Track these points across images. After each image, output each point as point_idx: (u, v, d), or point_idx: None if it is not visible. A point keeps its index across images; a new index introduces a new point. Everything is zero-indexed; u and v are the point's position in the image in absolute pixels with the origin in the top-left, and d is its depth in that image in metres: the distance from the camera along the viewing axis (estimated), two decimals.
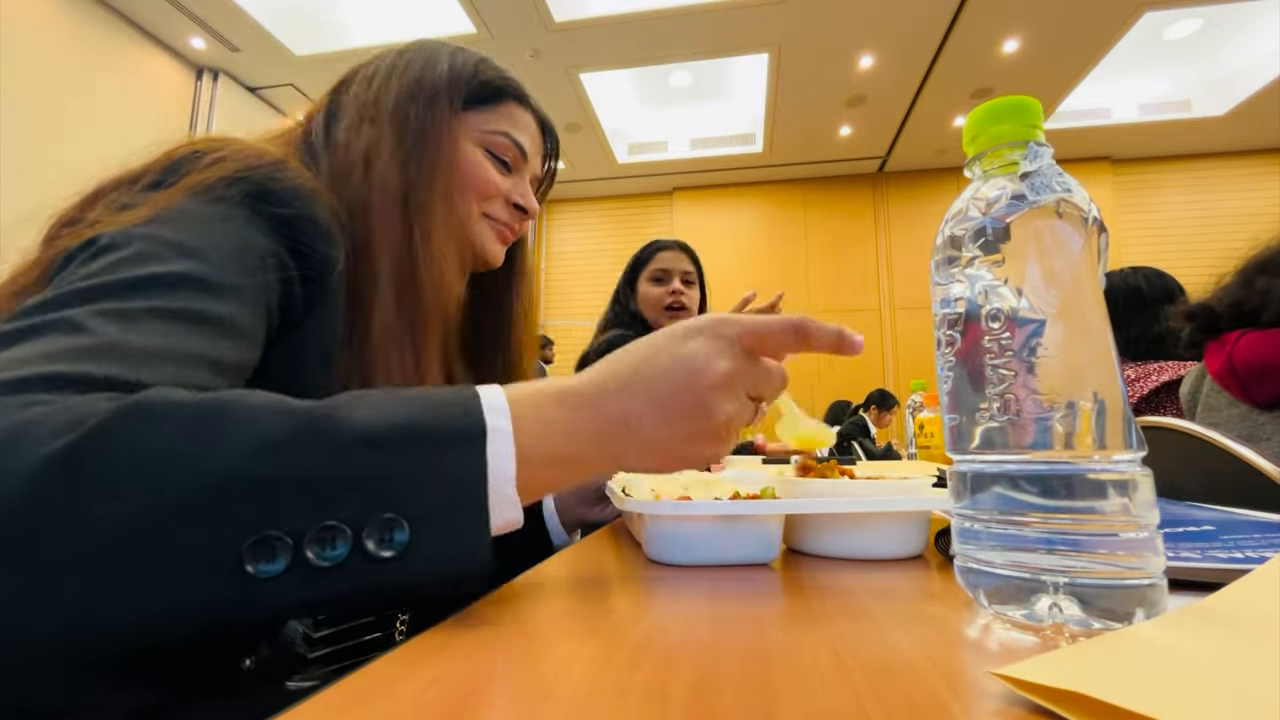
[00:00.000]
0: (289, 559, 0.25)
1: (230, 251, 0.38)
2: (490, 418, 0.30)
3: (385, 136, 0.52)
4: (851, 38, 3.82)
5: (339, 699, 0.21)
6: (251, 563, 0.24)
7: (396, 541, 0.26)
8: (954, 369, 0.31)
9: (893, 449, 3.92)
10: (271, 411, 0.27)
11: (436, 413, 0.29)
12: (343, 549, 0.25)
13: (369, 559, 0.26)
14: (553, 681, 0.22)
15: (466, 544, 0.28)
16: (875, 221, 5.58)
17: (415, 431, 0.28)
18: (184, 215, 0.38)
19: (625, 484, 0.54)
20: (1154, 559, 0.26)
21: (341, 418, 0.27)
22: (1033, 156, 0.30)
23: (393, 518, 0.26)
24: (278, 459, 0.26)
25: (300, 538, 0.25)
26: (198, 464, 0.25)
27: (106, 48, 3.67)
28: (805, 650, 0.25)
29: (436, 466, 0.28)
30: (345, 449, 0.27)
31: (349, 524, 0.26)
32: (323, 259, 0.44)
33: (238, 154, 0.43)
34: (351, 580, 0.26)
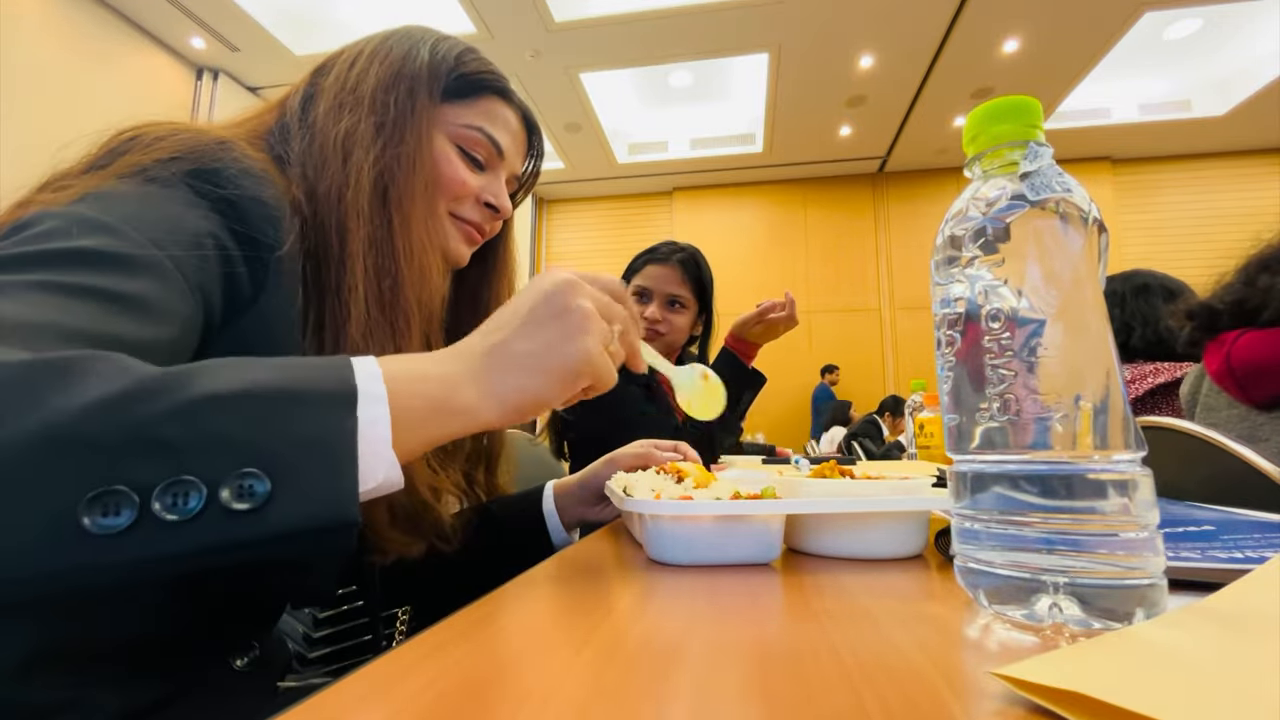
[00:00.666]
0: (134, 514, 0.24)
1: (154, 229, 0.37)
2: (362, 382, 0.30)
3: (363, 125, 0.51)
4: (851, 38, 3.82)
5: (339, 699, 0.21)
6: (90, 518, 0.23)
7: (256, 493, 0.25)
8: (954, 369, 0.31)
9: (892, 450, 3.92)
10: (120, 371, 0.26)
11: (306, 375, 0.29)
12: (196, 502, 0.24)
13: (226, 511, 0.25)
14: (553, 681, 0.22)
15: (331, 496, 0.27)
16: (875, 221, 5.59)
17: (281, 393, 0.28)
18: (112, 195, 0.37)
19: (626, 484, 0.54)
20: (1154, 559, 0.26)
21: (192, 380, 0.27)
22: (1033, 156, 0.30)
23: (248, 470, 0.25)
24: (119, 414, 0.24)
25: (147, 492, 0.24)
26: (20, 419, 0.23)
27: (106, 48, 3.67)
28: (805, 650, 0.25)
29: (299, 426, 0.27)
30: (198, 407, 0.26)
31: (203, 478, 0.25)
32: (269, 242, 0.43)
33: (178, 136, 0.42)
34: (208, 534, 0.25)
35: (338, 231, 0.49)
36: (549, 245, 5.93)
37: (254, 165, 0.44)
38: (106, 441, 0.24)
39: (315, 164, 0.50)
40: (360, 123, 0.51)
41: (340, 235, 0.49)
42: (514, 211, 0.67)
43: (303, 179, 0.49)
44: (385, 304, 0.49)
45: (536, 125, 0.67)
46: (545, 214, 5.94)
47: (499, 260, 0.70)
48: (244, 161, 0.43)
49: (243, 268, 0.42)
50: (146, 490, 0.24)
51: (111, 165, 0.40)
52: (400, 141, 0.52)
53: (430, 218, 0.55)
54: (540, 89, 4.35)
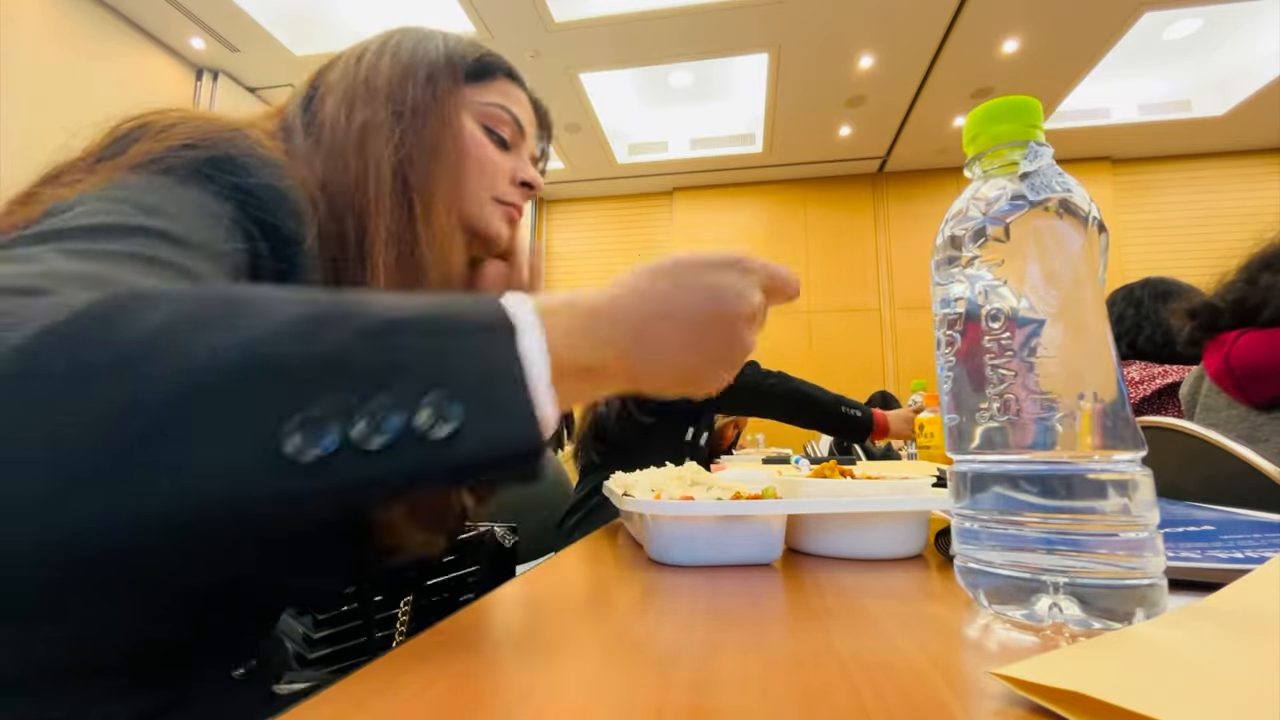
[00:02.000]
0: (337, 440, 0.23)
1: (191, 214, 0.36)
2: (518, 313, 0.29)
3: (381, 115, 0.50)
4: (851, 38, 3.82)
5: (339, 699, 0.21)
6: (294, 447, 0.22)
7: (451, 415, 0.25)
8: (954, 369, 0.31)
9: (892, 449, 3.92)
10: (287, 298, 0.25)
11: (461, 307, 0.28)
12: (395, 425, 0.24)
13: (422, 439, 0.24)
14: (553, 681, 0.22)
15: (519, 419, 0.27)
16: (875, 221, 5.58)
17: (448, 319, 0.27)
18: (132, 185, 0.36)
19: (626, 485, 0.54)
20: (1154, 559, 0.26)
21: (365, 306, 0.26)
22: (1033, 156, 0.30)
23: (444, 395, 0.25)
24: (311, 340, 0.24)
25: (347, 417, 0.23)
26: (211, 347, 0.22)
27: (106, 48, 3.67)
28: (805, 650, 0.25)
29: (475, 347, 0.27)
30: (381, 331, 0.25)
31: (399, 403, 0.24)
32: (291, 234, 0.42)
33: (189, 123, 0.41)
34: (406, 460, 0.24)
35: (357, 225, 0.48)
36: (549, 245, 5.93)
37: (271, 155, 0.43)
38: (302, 366, 0.23)
39: (328, 158, 0.49)
40: (377, 114, 0.50)
41: (359, 228, 0.48)
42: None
43: (313, 175, 0.48)
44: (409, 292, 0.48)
45: (544, 106, 0.67)
46: (545, 214, 5.93)
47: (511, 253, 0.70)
48: (260, 150, 0.42)
49: (268, 261, 0.40)
50: (345, 416, 0.23)
51: (122, 155, 0.38)
52: (422, 128, 0.52)
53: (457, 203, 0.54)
54: (540, 89, 4.28)
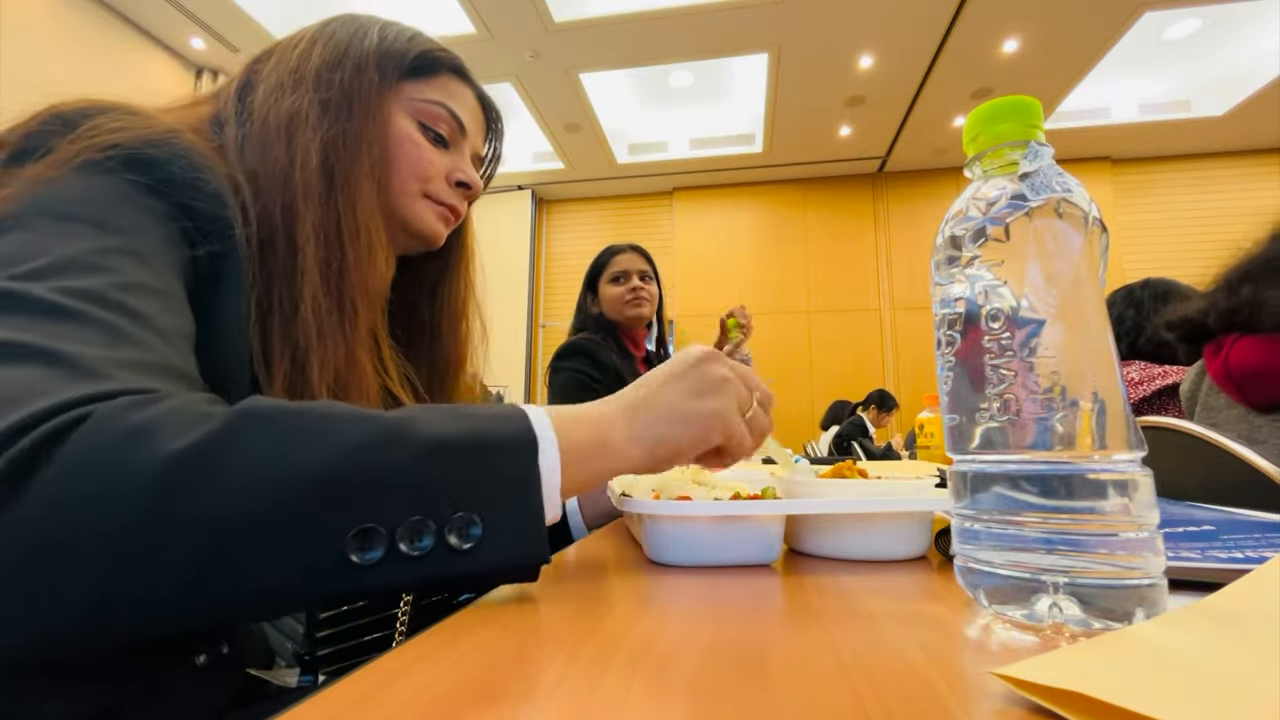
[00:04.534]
0: (385, 549, 0.28)
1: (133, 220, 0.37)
2: (539, 430, 0.34)
3: (307, 106, 0.49)
4: (851, 38, 3.82)
5: (339, 699, 0.21)
6: (355, 552, 0.27)
7: (472, 535, 0.30)
8: (954, 369, 0.31)
9: (893, 449, 3.92)
10: (358, 419, 0.30)
11: (494, 426, 0.33)
12: (429, 541, 0.29)
13: (450, 550, 0.29)
14: (553, 681, 0.22)
15: (529, 536, 0.32)
16: (875, 221, 5.58)
17: (480, 441, 0.32)
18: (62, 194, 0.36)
19: (625, 485, 0.53)
20: (1154, 559, 0.26)
21: (419, 425, 0.31)
22: (1033, 156, 0.30)
23: (469, 515, 0.30)
24: (370, 462, 0.29)
25: (393, 530, 0.28)
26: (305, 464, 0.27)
27: (106, 48, 3.67)
28: (805, 650, 0.25)
29: (501, 470, 0.32)
30: (424, 455, 0.30)
31: (434, 519, 0.29)
32: (222, 230, 0.42)
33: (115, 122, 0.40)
34: (435, 568, 0.29)
35: (284, 215, 0.47)
36: (549, 245, 5.93)
37: (197, 154, 0.42)
38: (367, 484, 0.28)
39: (257, 148, 0.48)
40: (304, 102, 0.50)
41: (287, 219, 0.47)
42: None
43: (242, 164, 0.47)
44: (332, 288, 0.48)
45: (493, 104, 0.65)
46: (545, 214, 5.93)
47: (458, 251, 0.67)
48: (185, 146, 0.42)
49: (203, 255, 0.41)
50: (393, 528, 0.28)
51: (47, 154, 0.38)
52: (349, 118, 0.51)
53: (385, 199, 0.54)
54: (540, 89, 4.35)
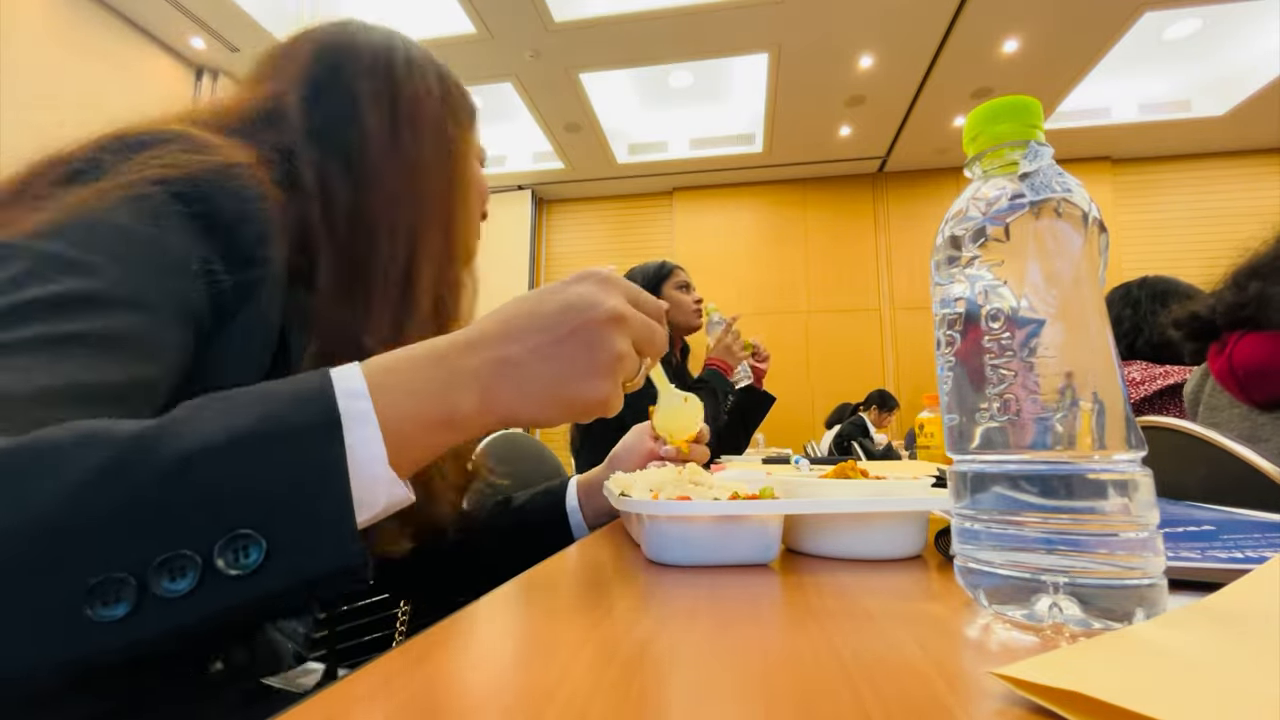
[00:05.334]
0: (134, 598, 0.23)
1: (138, 258, 0.35)
2: (345, 402, 0.29)
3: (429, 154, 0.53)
4: (851, 38, 3.82)
5: (339, 699, 0.21)
6: (92, 608, 0.22)
7: (251, 559, 0.25)
8: (954, 369, 0.31)
9: (893, 449, 3.92)
10: (85, 444, 0.24)
11: (284, 410, 0.28)
12: (192, 575, 0.24)
13: (223, 580, 0.24)
14: (552, 681, 0.22)
15: (329, 541, 0.26)
16: (875, 221, 5.58)
17: (259, 437, 0.26)
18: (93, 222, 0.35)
19: (624, 485, 0.53)
20: (1154, 559, 0.26)
21: (171, 436, 0.25)
22: (1033, 156, 0.30)
23: (241, 533, 0.25)
24: (106, 492, 0.24)
25: (143, 573, 0.23)
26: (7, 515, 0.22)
27: (106, 48, 3.67)
28: (805, 650, 0.25)
29: (285, 470, 0.26)
30: (180, 468, 0.25)
31: (196, 549, 0.24)
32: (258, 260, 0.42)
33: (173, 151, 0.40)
34: (208, 604, 0.24)
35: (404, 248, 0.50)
36: (549, 245, 5.92)
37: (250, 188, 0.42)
38: (97, 523, 0.23)
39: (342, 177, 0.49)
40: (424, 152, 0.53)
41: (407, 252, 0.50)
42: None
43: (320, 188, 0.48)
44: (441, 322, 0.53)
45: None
46: (545, 214, 5.93)
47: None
48: (237, 182, 0.42)
49: (228, 283, 0.40)
50: (142, 570, 0.23)
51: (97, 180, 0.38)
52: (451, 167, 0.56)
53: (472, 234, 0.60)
54: (540, 89, 4.35)
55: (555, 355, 0.34)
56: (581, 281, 0.37)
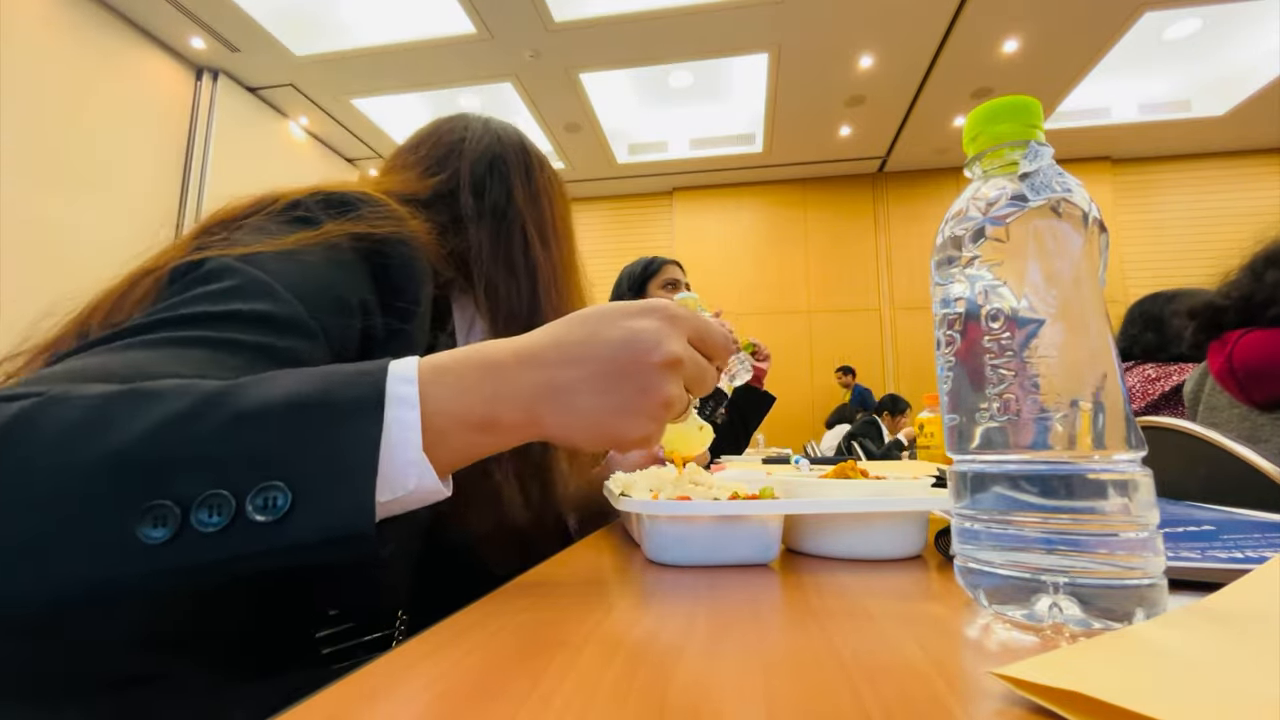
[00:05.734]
0: (175, 527, 0.26)
1: (312, 294, 0.42)
2: (393, 386, 0.31)
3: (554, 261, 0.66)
4: (851, 38, 3.82)
5: (339, 699, 0.21)
6: (141, 530, 0.26)
7: (278, 507, 0.27)
8: (954, 369, 0.31)
9: (892, 450, 3.92)
10: (183, 392, 0.29)
11: (337, 382, 0.31)
12: (223, 516, 0.27)
13: (251, 525, 0.27)
14: (552, 682, 0.22)
15: (348, 507, 0.28)
16: (875, 221, 5.58)
17: (307, 405, 0.30)
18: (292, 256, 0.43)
19: (624, 484, 0.53)
20: (1154, 559, 0.26)
21: (241, 394, 0.29)
22: (1033, 156, 0.30)
23: (273, 484, 0.28)
24: (173, 435, 0.28)
25: (187, 506, 0.27)
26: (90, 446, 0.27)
27: (106, 48, 3.67)
28: (805, 650, 0.25)
29: (323, 435, 0.29)
30: (238, 422, 0.28)
31: (232, 492, 0.27)
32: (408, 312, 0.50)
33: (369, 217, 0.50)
34: (234, 544, 0.27)
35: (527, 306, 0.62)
36: None
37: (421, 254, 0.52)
38: (160, 461, 0.27)
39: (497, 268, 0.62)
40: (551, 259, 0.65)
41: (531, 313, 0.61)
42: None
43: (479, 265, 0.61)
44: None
45: None
46: None
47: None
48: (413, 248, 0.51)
49: (379, 320, 0.48)
50: (187, 504, 0.27)
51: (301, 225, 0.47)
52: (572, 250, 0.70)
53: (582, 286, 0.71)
54: (540, 89, 4.35)
55: (606, 390, 0.34)
56: (647, 315, 0.36)
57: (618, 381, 0.34)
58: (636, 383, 0.35)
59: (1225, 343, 0.89)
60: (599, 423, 0.35)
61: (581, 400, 0.34)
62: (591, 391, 0.34)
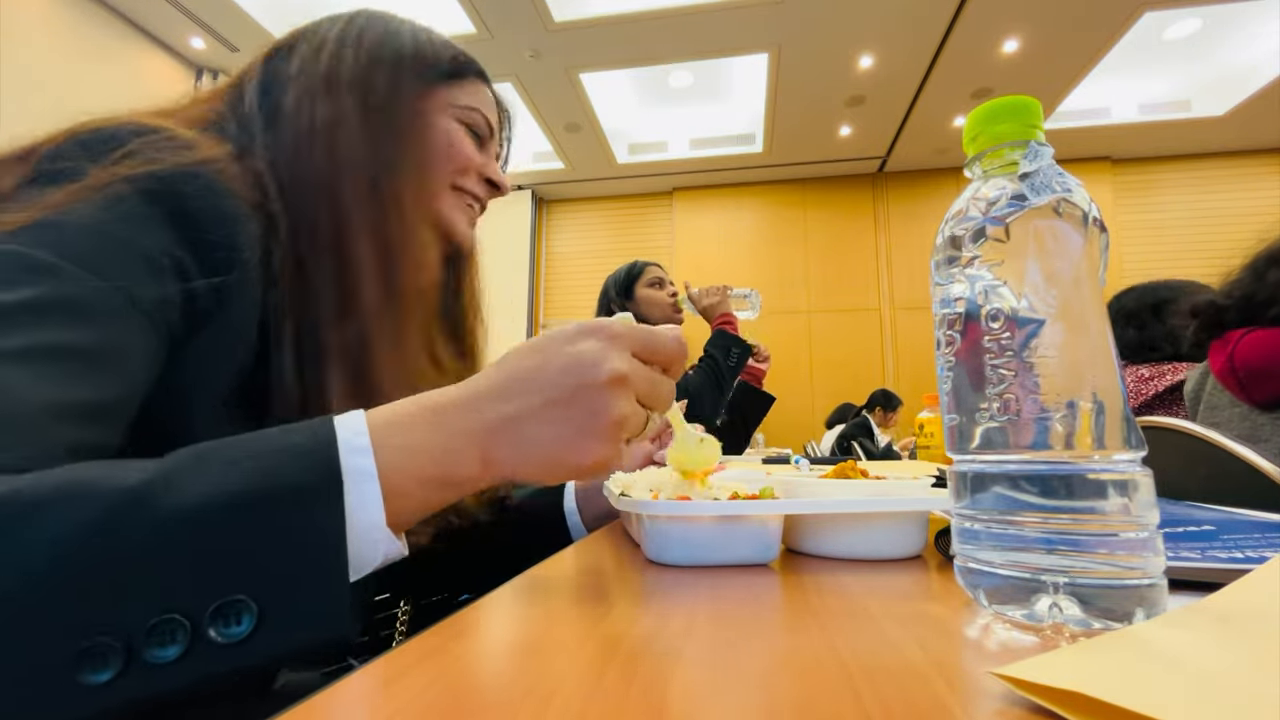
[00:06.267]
0: (122, 662, 0.22)
1: (104, 259, 0.34)
2: (349, 459, 0.28)
3: (348, 108, 0.49)
4: (851, 38, 3.82)
5: (339, 699, 0.21)
6: (80, 674, 0.22)
7: (243, 626, 0.24)
8: (954, 369, 0.31)
9: (893, 450, 3.92)
10: (75, 498, 0.24)
11: (286, 467, 0.27)
12: (181, 641, 0.23)
13: (213, 647, 0.24)
14: (552, 682, 0.22)
15: (321, 613, 0.26)
16: (875, 221, 5.58)
17: (259, 498, 0.26)
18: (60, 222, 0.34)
19: (624, 484, 0.53)
20: (1154, 559, 0.26)
21: (165, 493, 0.25)
22: (1033, 156, 0.30)
23: (237, 600, 0.24)
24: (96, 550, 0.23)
25: (132, 637, 0.23)
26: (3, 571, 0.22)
27: (106, 47, 3.67)
28: (805, 650, 0.25)
29: (283, 534, 0.26)
30: (173, 529, 0.24)
31: (186, 614, 0.23)
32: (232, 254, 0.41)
33: (149, 152, 0.39)
34: (198, 669, 0.24)
35: (329, 220, 0.47)
36: (549, 245, 5.92)
37: (222, 184, 0.41)
38: (87, 583, 0.23)
39: (291, 155, 0.48)
40: (344, 108, 0.49)
41: (332, 224, 0.47)
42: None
43: (273, 172, 0.47)
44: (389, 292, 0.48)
45: (507, 108, 0.67)
46: (545, 214, 5.93)
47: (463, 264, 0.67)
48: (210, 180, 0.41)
49: (201, 283, 0.39)
50: (132, 634, 0.23)
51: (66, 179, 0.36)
52: (392, 123, 0.51)
53: (429, 197, 0.53)
54: (540, 89, 4.35)
55: (555, 419, 0.33)
56: (586, 337, 0.35)
57: (566, 408, 0.33)
58: (585, 406, 0.33)
59: (1227, 342, 0.89)
60: (554, 454, 0.34)
61: (531, 433, 0.33)
62: (541, 422, 0.33)
